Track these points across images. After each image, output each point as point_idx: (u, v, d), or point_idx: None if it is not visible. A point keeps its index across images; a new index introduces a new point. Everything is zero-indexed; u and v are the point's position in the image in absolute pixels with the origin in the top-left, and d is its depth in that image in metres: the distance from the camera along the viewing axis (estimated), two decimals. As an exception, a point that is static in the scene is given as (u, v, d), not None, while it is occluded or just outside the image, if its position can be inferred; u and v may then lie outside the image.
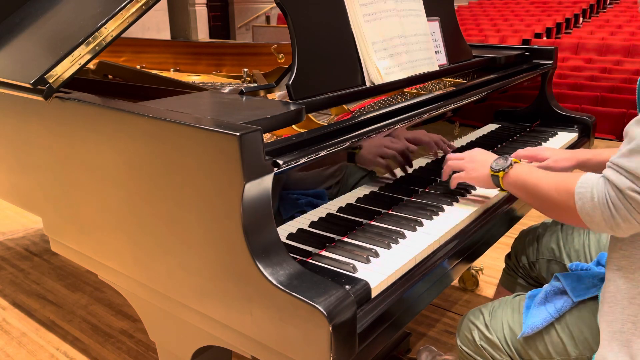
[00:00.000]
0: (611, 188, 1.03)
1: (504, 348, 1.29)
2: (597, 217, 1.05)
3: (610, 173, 1.04)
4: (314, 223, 1.26)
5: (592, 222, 1.07)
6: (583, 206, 1.07)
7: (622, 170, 1.01)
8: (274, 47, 2.27)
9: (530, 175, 1.27)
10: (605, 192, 1.04)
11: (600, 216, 1.05)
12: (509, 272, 1.75)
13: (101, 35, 1.38)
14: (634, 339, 1.07)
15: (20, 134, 1.61)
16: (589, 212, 1.06)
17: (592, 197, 1.06)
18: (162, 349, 1.44)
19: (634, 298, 1.08)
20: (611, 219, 1.03)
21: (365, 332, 1.03)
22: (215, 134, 1.00)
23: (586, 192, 1.07)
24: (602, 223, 1.05)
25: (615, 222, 1.03)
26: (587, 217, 1.07)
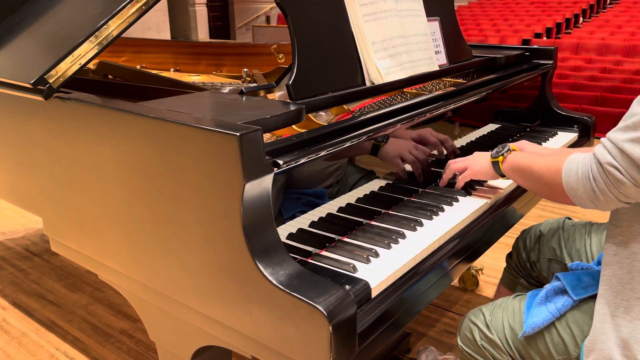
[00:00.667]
0: (594, 162, 1.06)
1: (504, 348, 1.29)
2: (579, 190, 1.09)
3: (597, 147, 1.07)
4: (314, 223, 1.26)
5: (576, 196, 1.11)
6: (568, 180, 1.11)
7: (608, 144, 1.04)
8: (274, 47, 2.27)
9: (525, 157, 1.33)
10: (589, 166, 1.08)
11: (582, 189, 1.08)
12: (510, 272, 1.75)
13: (101, 35, 1.38)
14: (624, 323, 1.09)
15: (21, 134, 1.61)
16: (573, 186, 1.10)
17: (576, 171, 1.10)
18: (162, 349, 1.44)
19: (627, 283, 1.09)
20: (591, 192, 1.07)
21: (365, 332, 1.03)
22: (216, 134, 1.00)
23: (572, 167, 1.11)
24: (584, 196, 1.09)
25: (594, 194, 1.07)
26: (572, 191, 1.11)
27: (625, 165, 1.01)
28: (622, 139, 1.01)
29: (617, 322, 1.10)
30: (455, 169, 1.52)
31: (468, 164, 1.50)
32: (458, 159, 1.54)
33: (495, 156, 1.41)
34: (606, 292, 1.12)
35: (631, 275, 1.09)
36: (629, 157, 1.00)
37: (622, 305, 1.10)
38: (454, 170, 1.52)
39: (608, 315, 1.11)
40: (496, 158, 1.41)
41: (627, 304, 1.09)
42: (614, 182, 1.03)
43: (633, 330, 1.08)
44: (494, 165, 1.42)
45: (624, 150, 1.00)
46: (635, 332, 1.08)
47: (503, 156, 1.39)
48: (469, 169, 1.49)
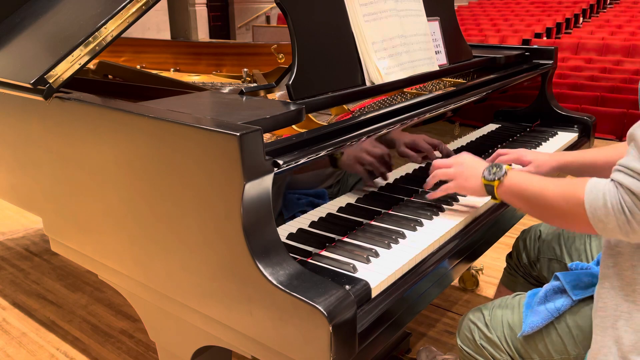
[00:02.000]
0: (625, 193, 0.99)
1: (504, 347, 1.30)
2: (611, 224, 1.02)
3: (623, 177, 1.00)
4: (314, 223, 1.26)
5: (606, 229, 1.03)
6: (595, 213, 1.03)
7: (635, 174, 0.98)
8: (274, 47, 2.27)
9: (531, 183, 1.21)
10: (619, 198, 1.00)
11: (615, 222, 1.01)
12: (510, 272, 1.75)
13: (101, 35, 1.38)
14: (625, 336, 1.08)
15: (21, 134, 1.61)
16: (602, 219, 1.02)
17: (604, 203, 1.02)
18: (162, 349, 1.44)
19: (627, 295, 1.08)
20: (626, 225, 1.00)
21: (365, 332, 1.03)
22: (216, 134, 1.00)
23: (597, 199, 1.03)
24: (616, 229, 1.02)
25: (630, 227, 1.00)
26: (600, 224, 1.03)
27: None
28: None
29: (618, 335, 1.09)
30: (440, 175, 1.40)
31: (455, 174, 1.36)
32: (444, 162, 1.41)
33: (490, 179, 1.28)
34: (606, 304, 1.11)
35: (632, 287, 1.08)
36: None
37: (623, 317, 1.08)
38: (439, 177, 1.40)
39: (609, 328, 1.10)
40: (490, 182, 1.28)
41: (628, 316, 1.08)
42: None
43: (636, 342, 1.07)
44: (487, 187, 1.29)
45: None
46: (638, 344, 1.06)
47: (499, 180, 1.26)
48: (455, 183, 1.36)
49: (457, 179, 1.36)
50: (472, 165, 1.36)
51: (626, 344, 1.07)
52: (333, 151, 1.22)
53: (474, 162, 1.37)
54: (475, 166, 1.35)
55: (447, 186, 1.37)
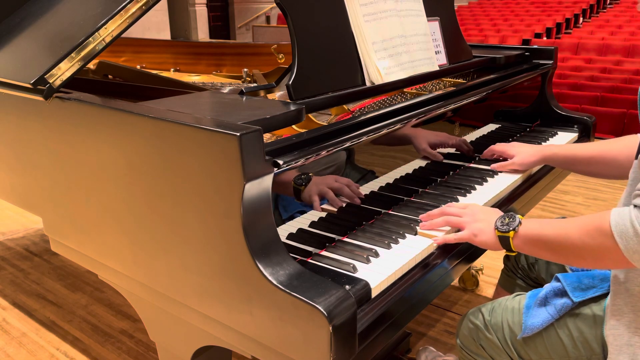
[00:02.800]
0: None
1: (503, 348, 1.29)
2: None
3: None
4: (314, 223, 1.26)
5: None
6: (628, 245, 0.97)
7: None
8: (274, 47, 2.27)
9: (549, 227, 1.13)
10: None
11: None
12: (507, 273, 1.75)
13: (101, 36, 1.38)
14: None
15: (21, 134, 1.61)
16: (637, 249, 0.97)
17: (635, 232, 0.96)
18: (162, 349, 1.44)
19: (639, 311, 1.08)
20: None
21: (365, 332, 1.03)
22: (216, 134, 1.00)
23: (627, 229, 0.97)
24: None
25: None
26: (636, 255, 0.97)
27: None
28: None
29: (634, 352, 1.08)
30: (450, 222, 1.28)
31: (465, 223, 1.26)
32: (454, 209, 1.30)
33: (504, 231, 1.19)
34: (619, 322, 1.10)
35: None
36: None
37: (637, 334, 1.08)
38: (449, 223, 1.29)
39: (624, 346, 1.09)
40: (505, 233, 1.18)
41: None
42: None
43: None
44: (502, 240, 1.19)
45: None
46: None
47: (514, 231, 1.17)
48: (468, 233, 1.24)
49: (471, 229, 1.25)
50: (484, 214, 1.27)
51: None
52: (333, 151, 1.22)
53: (486, 212, 1.28)
54: (488, 216, 1.25)
55: (459, 235, 1.25)
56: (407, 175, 1.52)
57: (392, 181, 1.47)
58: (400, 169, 1.50)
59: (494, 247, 1.22)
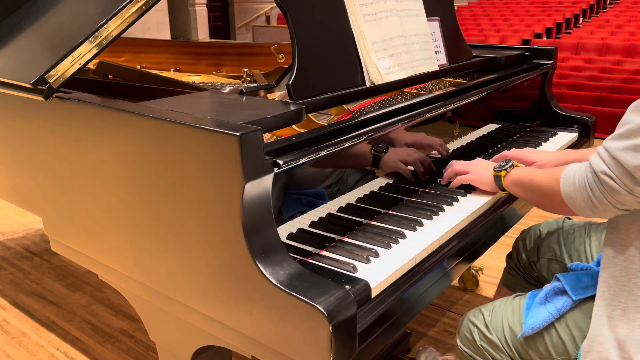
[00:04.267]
0: (590, 171, 1.08)
1: (504, 348, 1.29)
2: (577, 199, 1.11)
3: (593, 156, 1.08)
4: (314, 223, 1.26)
5: (575, 205, 1.13)
6: (566, 190, 1.13)
7: (603, 152, 1.05)
8: (274, 47, 2.27)
9: (527, 171, 1.36)
10: (584, 175, 1.10)
11: (580, 198, 1.10)
12: (510, 272, 1.75)
13: (101, 35, 1.38)
14: (621, 325, 1.09)
15: (21, 134, 1.61)
16: (572, 195, 1.12)
17: (573, 181, 1.12)
18: (162, 349, 1.44)
19: (624, 285, 1.10)
20: (589, 200, 1.09)
21: (365, 332, 1.03)
22: (216, 134, 1.00)
23: (569, 177, 1.13)
24: (582, 205, 1.11)
25: (592, 203, 1.08)
26: (570, 200, 1.13)
27: (618, 174, 1.02)
28: (616, 147, 1.02)
29: (614, 324, 1.10)
30: (457, 169, 1.54)
31: (471, 169, 1.51)
32: (461, 161, 1.56)
33: (499, 170, 1.43)
34: (604, 294, 1.13)
35: (628, 277, 1.09)
36: (621, 166, 1.00)
37: (619, 307, 1.10)
38: (456, 170, 1.54)
39: (605, 317, 1.12)
40: (499, 172, 1.42)
41: (624, 306, 1.10)
42: (609, 190, 1.04)
43: (630, 332, 1.08)
44: (495, 178, 1.44)
45: (617, 158, 1.01)
46: (632, 334, 1.08)
47: (506, 170, 1.41)
48: (471, 174, 1.50)
49: (472, 170, 1.51)
50: (485, 164, 1.53)
51: (622, 333, 1.08)
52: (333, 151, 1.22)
53: (487, 163, 1.53)
54: (488, 164, 1.51)
55: (463, 177, 1.52)
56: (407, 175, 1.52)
57: (392, 181, 1.47)
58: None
59: (489, 185, 1.47)
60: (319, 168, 1.26)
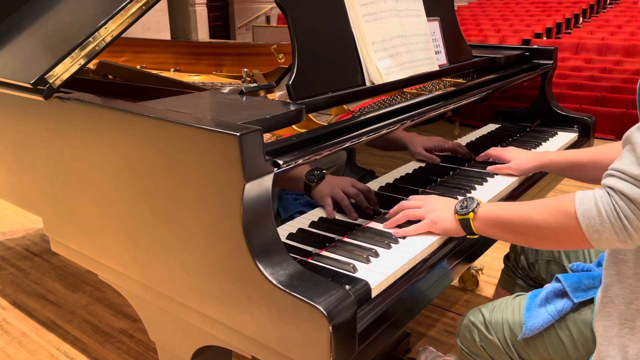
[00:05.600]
0: (619, 198, 0.97)
1: (503, 348, 1.29)
2: (607, 232, 0.99)
3: (616, 182, 0.98)
4: (314, 223, 1.26)
5: (601, 239, 1.00)
6: (589, 224, 1.00)
7: (629, 179, 0.96)
8: (274, 47, 2.27)
9: (510, 209, 1.17)
10: (612, 204, 0.98)
11: (611, 230, 0.98)
12: (508, 273, 1.75)
13: (101, 35, 1.38)
14: (630, 344, 1.08)
15: (21, 133, 1.61)
16: (598, 229, 0.99)
17: (598, 212, 0.99)
18: (162, 349, 1.44)
19: (631, 303, 1.08)
20: (623, 231, 0.97)
21: (365, 332, 1.03)
22: (216, 134, 1.00)
23: (590, 209, 1.00)
24: (613, 237, 0.99)
25: (627, 233, 0.97)
26: (596, 235, 1.00)
27: None
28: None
29: (622, 344, 1.09)
30: (409, 215, 1.29)
31: (424, 213, 1.27)
32: (412, 202, 1.31)
33: (463, 213, 1.21)
34: (609, 313, 1.11)
35: (635, 295, 1.08)
36: None
37: (627, 325, 1.08)
38: (408, 216, 1.29)
39: (614, 337, 1.10)
40: (465, 215, 1.20)
41: (632, 325, 1.08)
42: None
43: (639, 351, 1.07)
44: (462, 223, 1.22)
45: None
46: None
47: (473, 212, 1.20)
48: (428, 222, 1.25)
49: (428, 216, 1.26)
50: (443, 202, 1.29)
51: (631, 353, 1.07)
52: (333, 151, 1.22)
53: (444, 200, 1.30)
54: (446, 204, 1.28)
55: (419, 225, 1.26)
56: (407, 175, 1.52)
57: (392, 181, 1.47)
58: (400, 169, 1.50)
59: (456, 232, 1.24)
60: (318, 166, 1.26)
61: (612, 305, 1.10)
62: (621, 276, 1.09)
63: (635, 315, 1.07)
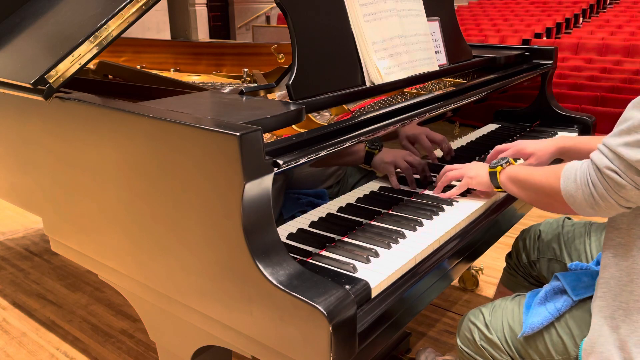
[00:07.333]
0: (592, 167, 1.07)
1: (504, 348, 1.29)
2: (578, 197, 1.10)
3: (594, 153, 1.07)
4: (314, 223, 1.26)
5: (575, 203, 1.11)
6: (566, 187, 1.12)
7: (605, 149, 1.05)
8: (274, 47, 2.27)
9: (524, 168, 1.33)
10: (586, 172, 1.08)
11: (582, 196, 1.09)
12: (509, 272, 1.75)
13: (101, 35, 1.38)
14: (623, 325, 1.09)
15: (21, 134, 1.61)
16: (572, 193, 1.11)
17: (575, 178, 1.10)
18: (162, 349, 1.44)
19: (626, 285, 1.09)
20: (590, 197, 1.07)
21: (365, 332, 1.03)
22: (216, 134, 1.00)
23: (570, 174, 1.12)
24: (583, 203, 1.09)
25: (594, 200, 1.07)
26: (570, 198, 1.11)
27: (623, 169, 1.01)
28: (617, 143, 1.02)
29: (616, 325, 1.10)
30: (451, 176, 1.49)
31: (464, 172, 1.47)
32: (454, 165, 1.51)
33: (493, 166, 1.40)
34: (605, 294, 1.13)
35: (630, 277, 1.09)
36: (625, 161, 1.00)
37: (621, 307, 1.10)
38: (450, 178, 1.49)
39: (607, 318, 1.11)
40: (494, 168, 1.40)
41: (625, 307, 1.09)
42: (613, 186, 1.03)
43: (631, 333, 1.08)
44: (490, 175, 1.41)
45: (620, 154, 1.01)
46: (634, 335, 1.08)
47: (501, 166, 1.38)
48: (466, 178, 1.46)
49: (466, 174, 1.46)
50: (479, 164, 1.49)
51: (623, 334, 1.08)
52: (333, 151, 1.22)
53: (480, 163, 1.50)
54: (482, 165, 1.48)
55: (460, 184, 1.47)
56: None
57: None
58: (400, 169, 1.50)
59: (484, 184, 1.43)
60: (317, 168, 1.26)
61: (608, 287, 1.12)
62: (618, 259, 1.11)
63: (629, 298, 1.09)
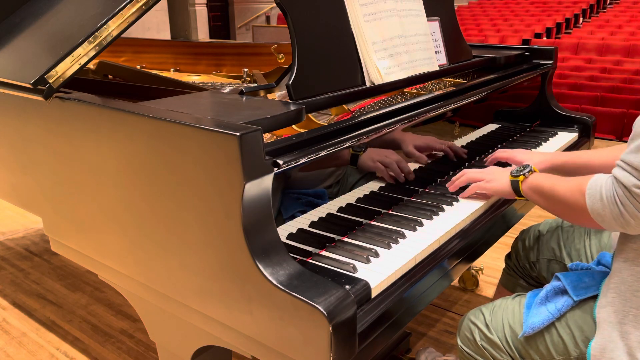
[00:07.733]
0: (618, 186, 1.05)
1: (504, 348, 1.29)
2: (607, 216, 1.07)
3: (617, 171, 1.05)
4: (314, 223, 1.26)
5: (604, 221, 1.09)
6: (593, 206, 1.09)
7: (628, 167, 1.03)
8: (274, 47, 2.27)
9: (547, 179, 1.28)
10: (612, 191, 1.06)
11: (610, 215, 1.06)
12: (509, 272, 1.75)
13: (101, 35, 1.38)
14: (633, 331, 1.08)
15: (21, 133, 1.61)
16: (600, 212, 1.08)
17: (601, 196, 1.07)
18: (162, 349, 1.44)
19: (637, 291, 1.09)
20: (620, 217, 1.05)
21: (365, 332, 1.03)
22: (216, 134, 1.00)
23: (595, 192, 1.09)
24: (612, 221, 1.07)
25: (624, 219, 1.05)
26: (599, 217, 1.09)
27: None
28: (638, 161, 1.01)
29: (625, 330, 1.10)
30: (470, 178, 1.47)
31: (484, 176, 1.45)
32: (475, 169, 1.50)
33: (516, 174, 1.36)
34: (614, 299, 1.12)
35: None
36: None
37: (632, 313, 1.09)
38: (469, 179, 1.47)
39: (617, 323, 1.11)
40: (516, 176, 1.36)
41: (636, 312, 1.09)
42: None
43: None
44: (512, 183, 1.37)
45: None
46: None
47: (524, 176, 1.34)
48: (485, 182, 1.44)
49: (486, 178, 1.44)
50: (500, 169, 1.46)
51: (633, 340, 1.08)
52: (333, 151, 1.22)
53: (502, 169, 1.47)
54: (503, 170, 1.44)
55: (477, 184, 1.45)
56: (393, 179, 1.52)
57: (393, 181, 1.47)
58: (400, 169, 1.49)
59: (505, 192, 1.39)
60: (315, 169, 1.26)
61: (618, 292, 1.12)
62: (629, 263, 1.11)
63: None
